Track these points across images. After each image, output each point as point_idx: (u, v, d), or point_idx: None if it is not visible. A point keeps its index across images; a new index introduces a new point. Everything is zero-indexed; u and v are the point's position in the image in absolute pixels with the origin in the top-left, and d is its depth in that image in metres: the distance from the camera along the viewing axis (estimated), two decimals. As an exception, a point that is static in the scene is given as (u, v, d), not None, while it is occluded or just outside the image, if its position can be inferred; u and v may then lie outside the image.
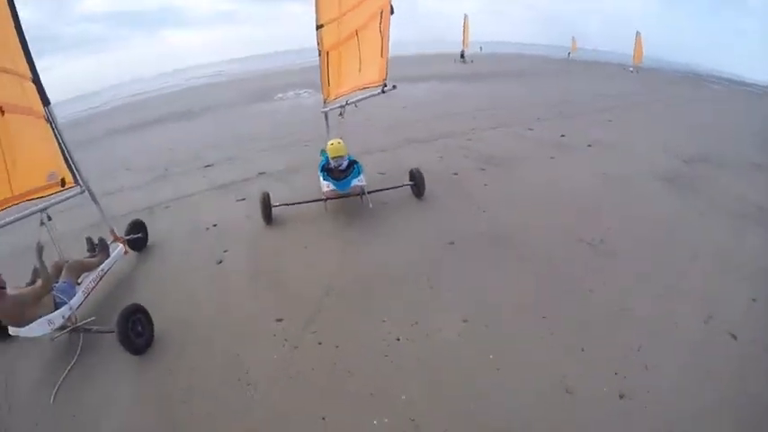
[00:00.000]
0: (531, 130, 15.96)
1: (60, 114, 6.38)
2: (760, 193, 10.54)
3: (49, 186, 5.79)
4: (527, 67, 44.73)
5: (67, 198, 6.22)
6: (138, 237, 7.94)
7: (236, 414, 4.61)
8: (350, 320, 5.87)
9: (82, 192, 6.50)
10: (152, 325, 5.75)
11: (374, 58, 8.10)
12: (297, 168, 11.98)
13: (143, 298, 6.14)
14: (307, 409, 4.61)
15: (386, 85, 8.03)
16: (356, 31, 8.25)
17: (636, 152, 13.43)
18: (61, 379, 5.20)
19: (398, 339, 5.49)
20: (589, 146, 13.86)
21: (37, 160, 5.68)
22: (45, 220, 5.72)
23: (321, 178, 8.68)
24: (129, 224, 7.88)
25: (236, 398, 4.79)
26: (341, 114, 9.13)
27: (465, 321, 5.79)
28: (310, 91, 25.53)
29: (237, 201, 10.03)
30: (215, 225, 8.84)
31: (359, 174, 8.67)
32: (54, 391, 5.05)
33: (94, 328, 5.56)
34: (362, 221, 8.67)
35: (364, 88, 8.63)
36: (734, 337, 5.63)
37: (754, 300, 6.42)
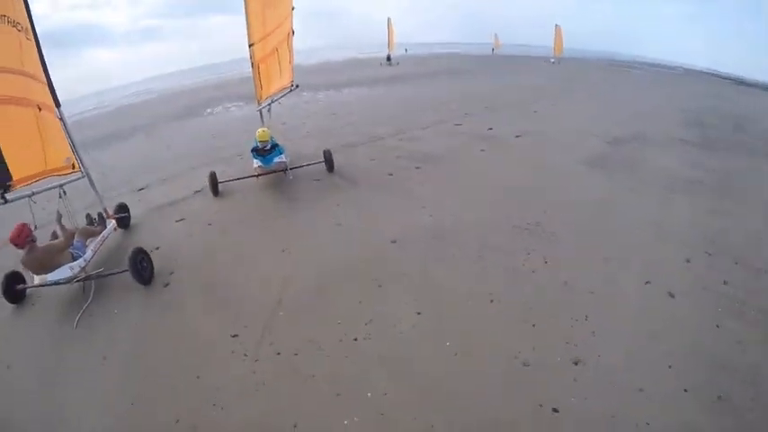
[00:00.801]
0: (459, 125, 16.35)
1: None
2: (685, 165, 11.27)
3: (65, 167, 7.66)
4: (453, 65, 45.73)
5: (76, 180, 8.07)
6: (124, 216, 9.56)
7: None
8: (305, 327, 5.89)
9: (83, 177, 8.25)
10: (152, 263, 7.51)
11: (287, 67, 11.82)
12: (232, 185, 11.80)
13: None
14: (277, 418, 4.62)
15: (295, 85, 12.06)
16: (276, 48, 11.47)
17: (563, 139, 14.02)
18: (81, 311, 6.72)
19: (356, 339, 5.57)
20: (517, 137, 14.34)
21: (59, 147, 7.53)
22: (62, 193, 7.66)
23: (252, 158, 11.04)
24: (117, 206, 9.47)
25: (205, 419, 4.74)
26: (269, 110, 11.95)
27: (418, 314, 5.94)
28: (239, 104, 25.17)
29: (177, 221, 9.72)
30: (157, 248, 8.52)
31: (280, 153, 11.10)
32: (76, 319, 6.58)
33: (107, 272, 7.25)
34: (303, 226, 8.82)
35: (282, 89, 11.97)
36: (672, 295, 6.07)
37: (687, 260, 6.94)
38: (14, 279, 7.07)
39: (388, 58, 47.96)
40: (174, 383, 5.24)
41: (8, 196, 6.33)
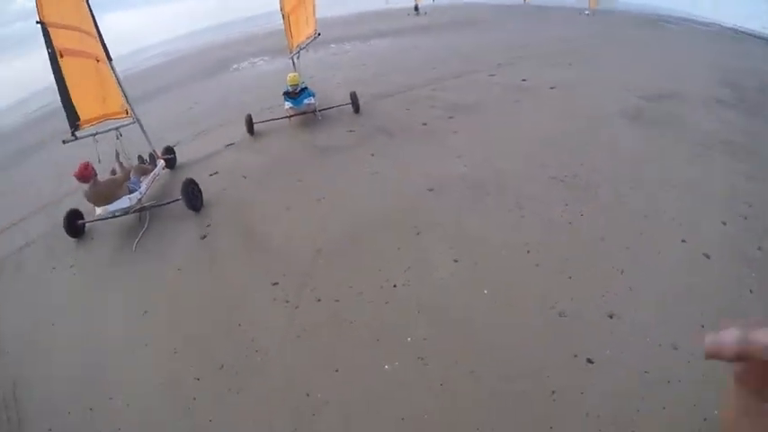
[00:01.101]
0: (492, 75, 15.99)
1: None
2: (722, 125, 10.90)
3: (121, 112, 8.96)
4: (483, 15, 44.40)
5: (129, 124, 9.25)
6: (171, 157, 10.62)
7: (252, 380, 4.78)
8: (344, 274, 6.04)
9: (134, 122, 9.35)
10: (201, 192, 8.57)
11: (311, 17, 12.07)
12: (264, 136, 12.00)
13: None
14: (318, 364, 4.80)
15: (318, 33, 11.91)
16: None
17: (598, 92, 13.63)
18: (139, 236, 7.89)
19: (395, 286, 5.70)
20: (552, 88, 14.02)
21: (114, 95, 8.78)
22: (118, 135, 8.94)
23: (284, 101, 11.97)
24: (164, 148, 10.52)
25: (247, 366, 4.94)
26: (298, 57, 12.75)
27: (456, 261, 6.03)
28: (266, 58, 24.99)
29: (210, 175, 9.93)
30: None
31: (310, 95, 12.10)
32: (135, 243, 7.75)
33: (162, 202, 8.43)
34: (339, 175, 8.94)
35: (308, 37, 12.15)
36: (707, 257, 5.97)
37: (724, 223, 6.78)
38: (75, 216, 8.23)
39: (416, 8, 46.82)
40: (216, 332, 5.47)
41: (78, 134, 8.15)
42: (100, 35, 8.38)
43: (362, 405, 4.34)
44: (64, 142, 8.23)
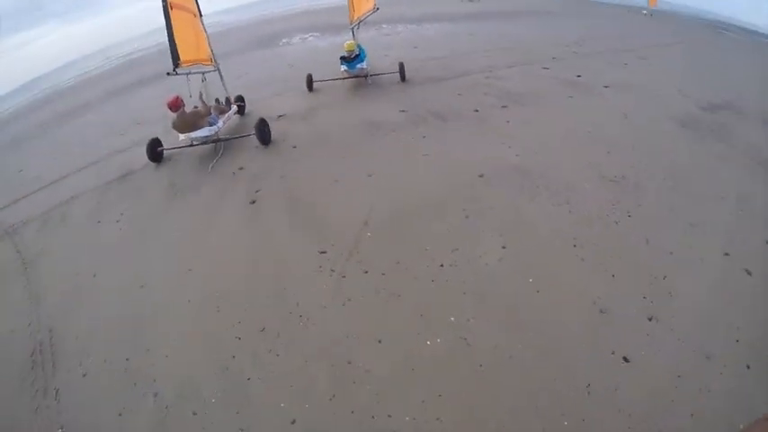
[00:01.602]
0: (546, 69, 15.81)
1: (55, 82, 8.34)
2: None
3: (208, 60, 10.94)
4: (539, 5, 43.52)
5: (212, 71, 11.18)
6: (242, 105, 12.37)
7: (294, 343, 5.01)
8: (392, 249, 6.24)
9: (215, 70, 11.30)
10: (270, 131, 10.18)
11: None
12: (316, 108, 12.20)
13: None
14: (362, 333, 5.02)
15: (377, 8, 14.30)
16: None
17: (654, 96, 13.44)
18: (215, 161, 9.59)
19: (442, 266, 5.89)
20: (606, 87, 13.84)
21: (204, 44, 10.80)
22: (204, 78, 10.70)
23: (340, 64, 13.04)
24: (236, 96, 12.30)
25: (289, 330, 5.17)
26: (357, 28, 14.05)
27: (503, 248, 6.19)
28: (316, 34, 24.91)
29: (259, 145, 10.16)
30: (241, 168, 9.13)
31: (362, 60, 13.21)
32: (211, 165, 9.49)
33: (238, 135, 10.33)
34: (390, 154, 9.12)
35: (368, 11, 14.14)
36: (749, 273, 6.02)
37: (767, 242, 6.80)
38: (156, 143, 9.95)
39: (471, -8, 46.20)
40: (260, 294, 5.73)
41: (178, 71, 9.66)
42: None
43: (402, 377, 4.55)
44: (168, 74, 9.79)
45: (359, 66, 13.14)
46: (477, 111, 11.26)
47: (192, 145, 9.80)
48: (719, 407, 4.26)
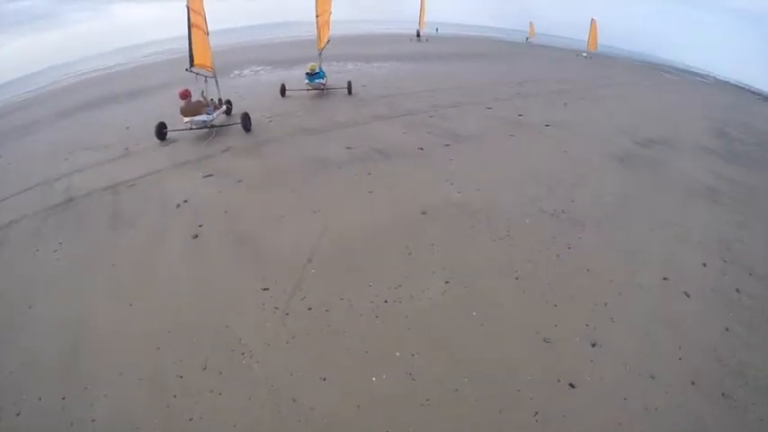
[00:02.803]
0: (490, 109, 16.37)
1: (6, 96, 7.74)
2: (709, 173, 11.41)
3: (210, 67, 13.67)
4: (485, 49, 45.23)
5: (212, 77, 13.90)
6: (229, 106, 14.94)
7: (236, 382, 4.82)
8: (336, 286, 6.14)
9: (213, 76, 14.01)
10: (251, 122, 13.23)
11: (326, 32, 18.27)
12: (264, 142, 12.21)
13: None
14: (306, 371, 4.87)
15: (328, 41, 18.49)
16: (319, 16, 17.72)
17: (592, 133, 14.10)
18: (210, 138, 12.47)
19: (386, 301, 5.84)
20: (547, 126, 14.38)
21: (209, 55, 13.57)
22: (206, 80, 13.35)
23: (304, 79, 17.39)
24: (226, 100, 14.87)
25: (232, 368, 4.98)
26: (320, 54, 18.32)
27: (446, 282, 6.21)
28: (267, 68, 25.15)
29: (204, 177, 9.99)
30: (185, 201, 8.83)
31: (321, 77, 17.63)
32: (207, 141, 12.28)
33: (227, 123, 13.51)
34: (335, 191, 9.10)
35: (327, 42, 18.49)
36: (687, 295, 6.31)
37: (704, 264, 7.16)
38: (162, 126, 12.71)
39: (418, 35, 47.82)
40: (202, 331, 5.50)
41: (193, 70, 12.82)
42: (205, 18, 13.36)
43: (349, 415, 4.42)
44: (186, 70, 12.82)
45: (317, 80, 17.49)
46: (421, 149, 11.47)
47: (191, 128, 12.59)
48: (668, 424, 4.37)
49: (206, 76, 13.52)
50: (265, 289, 6.13)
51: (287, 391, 4.65)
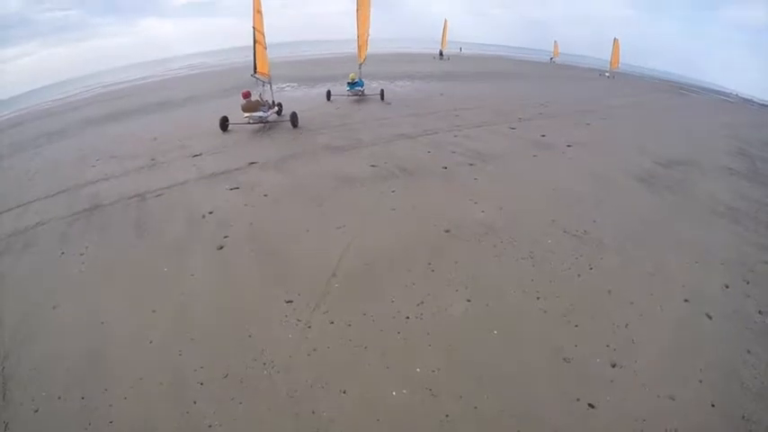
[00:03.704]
0: (513, 129, 16.47)
1: (33, 102, 8.00)
2: (731, 194, 11.33)
3: (267, 74, 17.00)
4: (508, 69, 45.50)
5: (269, 82, 17.30)
6: (280, 108, 17.68)
7: (257, 391, 4.88)
8: (359, 301, 6.23)
9: (269, 82, 17.38)
10: (298, 120, 16.06)
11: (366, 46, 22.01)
12: (289, 157, 12.40)
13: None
14: (327, 383, 4.93)
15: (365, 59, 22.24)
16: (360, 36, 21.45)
17: (614, 154, 14.07)
18: (263, 131, 15.41)
19: (408, 318, 5.90)
20: (569, 146, 14.41)
21: (267, 65, 17.03)
22: (263, 84, 16.81)
23: (346, 86, 21.32)
24: (278, 102, 17.81)
25: (253, 377, 5.05)
26: (360, 66, 22.16)
27: (468, 301, 6.26)
28: (294, 85, 25.58)
29: (230, 189, 10.22)
30: (210, 213, 9.01)
31: (361, 85, 21.22)
32: (260, 134, 14.98)
33: (279, 120, 16.72)
34: (360, 207, 9.19)
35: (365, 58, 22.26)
36: (709, 317, 6.28)
37: (726, 286, 7.10)
38: (226, 119, 15.66)
39: (441, 54, 48.44)
40: (225, 339, 5.61)
41: (255, 77, 16.07)
42: (264, 35, 16.53)
43: (368, 428, 4.47)
44: (251, 75, 16.26)
45: (357, 88, 21.20)
46: (445, 168, 11.58)
47: (249, 123, 15.58)
48: None
49: (263, 83, 16.79)
50: (289, 301, 6.23)
51: (307, 403, 4.71)
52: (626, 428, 4.49)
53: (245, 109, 15.20)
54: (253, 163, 11.92)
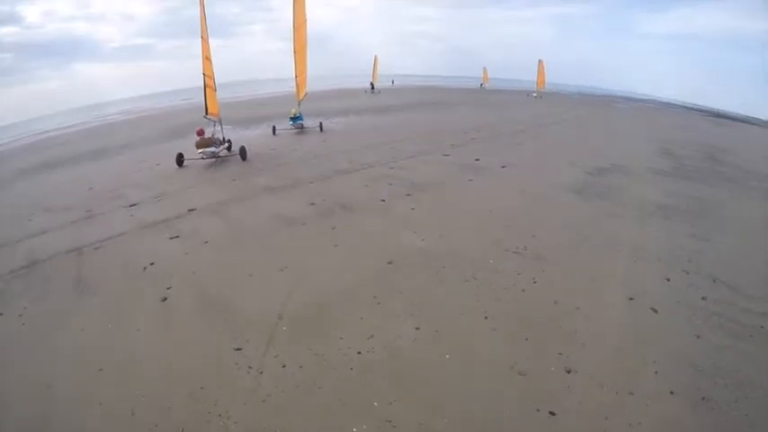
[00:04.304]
0: (447, 155, 16.87)
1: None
2: (660, 192, 11.99)
3: (217, 115, 18.52)
4: (440, 98, 46.75)
5: (218, 120, 18.65)
6: (230, 144, 18.79)
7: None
8: (308, 341, 6.09)
9: (219, 120, 18.64)
10: (247, 154, 17.43)
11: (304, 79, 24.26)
12: (228, 202, 12.16)
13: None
14: (285, 428, 4.77)
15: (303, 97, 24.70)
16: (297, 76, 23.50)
17: (547, 170, 14.60)
18: (214, 162, 16.77)
19: (359, 353, 5.80)
20: (503, 167, 14.84)
21: (216, 106, 18.37)
22: (214, 123, 18.34)
23: (289, 122, 23.81)
24: (227, 139, 18.94)
25: (210, 430, 4.83)
26: (299, 104, 24.03)
27: (417, 329, 6.23)
28: (228, 127, 25.39)
29: (171, 238, 9.91)
30: (152, 264, 8.68)
31: (301, 119, 23.65)
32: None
33: (229, 155, 18.02)
34: (301, 246, 9.11)
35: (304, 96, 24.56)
36: (655, 310, 6.55)
37: (667, 279, 7.46)
38: (181, 156, 16.79)
39: (372, 87, 49.65)
40: (177, 395, 5.35)
41: (207, 117, 17.54)
42: (214, 80, 18.11)
43: (332, 470, 4.33)
44: (204, 117, 17.62)
45: (299, 122, 23.58)
46: (383, 200, 11.67)
47: (203, 158, 16.74)
48: None
49: (213, 122, 18.25)
50: (238, 349, 6.03)
51: (267, 452, 4.52)
52: (590, 429, 4.53)
53: (199, 145, 16.62)
54: (192, 210, 11.59)
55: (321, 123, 24.31)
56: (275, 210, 11.23)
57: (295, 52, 22.53)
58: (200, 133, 16.92)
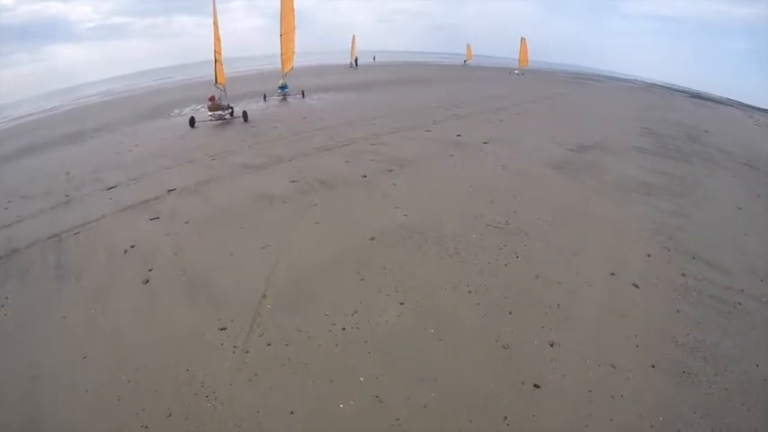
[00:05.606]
0: (429, 132, 16.80)
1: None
2: (642, 170, 12.14)
3: (223, 83, 22.16)
4: (423, 74, 46.53)
5: (224, 89, 22.14)
6: (233, 109, 21.33)
7: (204, 426, 4.67)
8: (292, 319, 6.09)
9: (224, 89, 22.09)
10: (248, 116, 20.73)
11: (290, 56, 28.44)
12: (207, 181, 11.95)
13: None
14: (273, 406, 4.80)
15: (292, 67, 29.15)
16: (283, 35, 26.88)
17: (528, 146, 14.64)
18: (217, 124, 20.10)
19: (344, 329, 5.83)
20: (485, 143, 14.84)
21: (222, 76, 22.21)
22: (222, 90, 21.89)
23: (276, 91, 27.40)
24: (230, 106, 21.33)
25: (197, 412, 4.84)
26: (285, 76, 27.83)
27: (401, 304, 6.27)
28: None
29: (151, 219, 9.77)
30: (132, 246, 8.54)
31: (287, 88, 27.37)
32: (213, 126, 19.58)
33: (234, 117, 21.23)
34: (283, 224, 9.06)
35: (291, 70, 28.78)
36: (636, 286, 6.67)
37: (648, 255, 7.59)
38: (193, 119, 19.92)
39: (355, 62, 49.51)
40: (163, 377, 5.33)
41: (218, 86, 21.48)
42: (221, 54, 21.56)
43: (321, 446, 4.36)
44: (214, 85, 21.28)
45: (286, 90, 26.93)
46: (365, 176, 11.61)
47: (212, 120, 19.89)
48: (635, 408, 4.57)
49: (222, 89, 21.55)
50: (223, 329, 6.00)
51: (255, 430, 4.57)
52: (574, 402, 4.63)
53: (211, 109, 20.07)
54: (171, 190, 11.37)
55: (303, 91, 27.61)
56: (255, 188, 11.11)
57: (282, 35, 26.14)
58: (212, 99, 20.18)
